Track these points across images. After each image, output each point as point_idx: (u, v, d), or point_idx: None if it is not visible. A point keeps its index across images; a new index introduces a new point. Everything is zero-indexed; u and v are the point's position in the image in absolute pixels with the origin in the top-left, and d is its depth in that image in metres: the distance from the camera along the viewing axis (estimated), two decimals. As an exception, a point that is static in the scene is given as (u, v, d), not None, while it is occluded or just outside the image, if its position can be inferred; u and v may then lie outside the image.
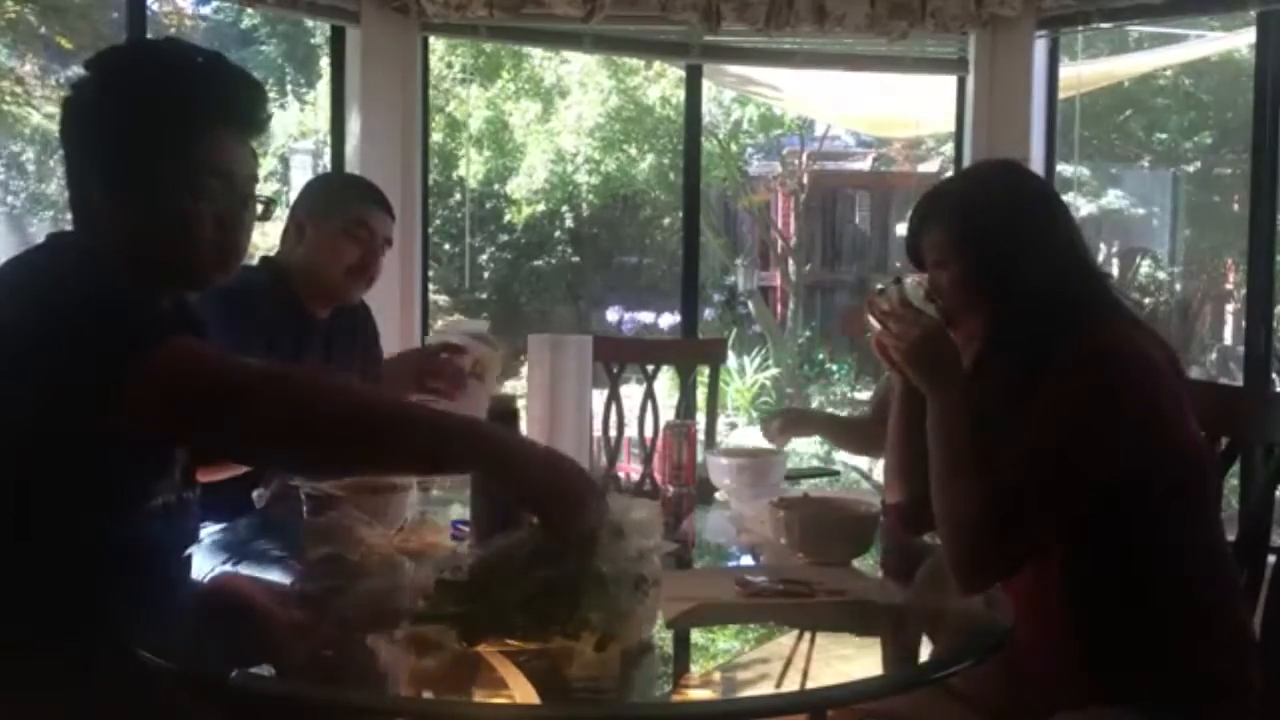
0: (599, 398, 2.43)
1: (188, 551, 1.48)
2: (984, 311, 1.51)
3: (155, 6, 8.50)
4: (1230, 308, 9.31)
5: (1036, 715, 1.43)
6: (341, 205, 2.17)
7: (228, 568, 1.48)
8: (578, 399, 1.89)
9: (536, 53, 9.51)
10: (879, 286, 1.59)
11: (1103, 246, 8.59)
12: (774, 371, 9.33)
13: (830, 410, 8.79)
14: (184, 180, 1.35)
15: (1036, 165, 3.59)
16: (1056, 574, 1.44)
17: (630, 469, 1.97)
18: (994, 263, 1.49)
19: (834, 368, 9.69)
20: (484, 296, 10.47)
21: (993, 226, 1.50)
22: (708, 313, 9.89)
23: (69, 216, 1.41)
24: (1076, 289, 1.48)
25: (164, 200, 1.35)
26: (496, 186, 10.05)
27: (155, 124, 1.34)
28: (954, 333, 1.52)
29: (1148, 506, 1.41)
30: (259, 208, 1.45)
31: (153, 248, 1.35)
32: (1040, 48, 3.80)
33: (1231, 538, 1.65)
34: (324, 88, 7.84)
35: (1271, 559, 1.60)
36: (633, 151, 9.76)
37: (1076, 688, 1.43)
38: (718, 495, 1.95)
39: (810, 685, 1.15)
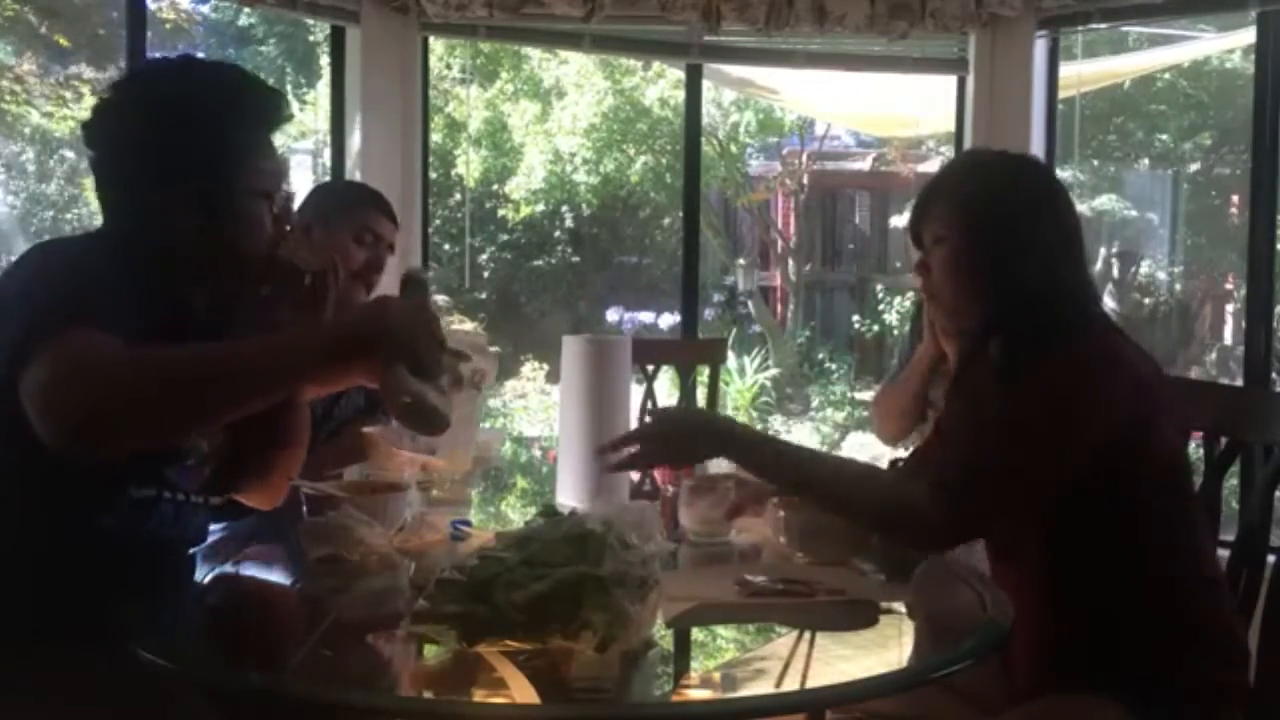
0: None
1: (191, 550, 1.48)
2: (971, 306, 1.50)
3: (154, 6, 8.50)
4: (1230, 308, 9.31)
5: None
6: (350, 212, 2.20)
7: (228, 568, 1.48)
8: (622, 401, 1.87)
9: (535, 53, 9.51)
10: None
11: (1101, 249, 8.59)
12: (774, 371, 9.34)
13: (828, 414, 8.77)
14: (250, 182, 1.44)
15: (1036, 165, 3.58)
16: (1041, 576, 1.45)
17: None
18: (992, 248, 1.47)
19: (833, 367, 9.68)
20: (484, 296, 10.46)
21: (997, 211, 1.49)
22: (708, 313, 9.90)
23: (68, 216, 1.42)
24: (1067, 291, 1.47)
25: (233, 202, 1.43)
26: (495, 186, 10.04)
27: (221, 138, 1.40)
28: (938, 318, 1.53)
29: (1128, 510, 1.42)
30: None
31: (216, 245, 1.41)
32: (1040, 48, 3.79)
33: (1231, 537, 1.65)
34: (324, 88, 7.85)
35: (1271, 559, 1.60)
36: (630, 152, 9.75)
37: (1066, 688, 1.43)
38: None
39: (810, 685, 1.15)
